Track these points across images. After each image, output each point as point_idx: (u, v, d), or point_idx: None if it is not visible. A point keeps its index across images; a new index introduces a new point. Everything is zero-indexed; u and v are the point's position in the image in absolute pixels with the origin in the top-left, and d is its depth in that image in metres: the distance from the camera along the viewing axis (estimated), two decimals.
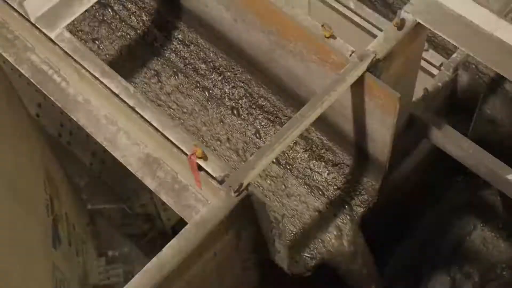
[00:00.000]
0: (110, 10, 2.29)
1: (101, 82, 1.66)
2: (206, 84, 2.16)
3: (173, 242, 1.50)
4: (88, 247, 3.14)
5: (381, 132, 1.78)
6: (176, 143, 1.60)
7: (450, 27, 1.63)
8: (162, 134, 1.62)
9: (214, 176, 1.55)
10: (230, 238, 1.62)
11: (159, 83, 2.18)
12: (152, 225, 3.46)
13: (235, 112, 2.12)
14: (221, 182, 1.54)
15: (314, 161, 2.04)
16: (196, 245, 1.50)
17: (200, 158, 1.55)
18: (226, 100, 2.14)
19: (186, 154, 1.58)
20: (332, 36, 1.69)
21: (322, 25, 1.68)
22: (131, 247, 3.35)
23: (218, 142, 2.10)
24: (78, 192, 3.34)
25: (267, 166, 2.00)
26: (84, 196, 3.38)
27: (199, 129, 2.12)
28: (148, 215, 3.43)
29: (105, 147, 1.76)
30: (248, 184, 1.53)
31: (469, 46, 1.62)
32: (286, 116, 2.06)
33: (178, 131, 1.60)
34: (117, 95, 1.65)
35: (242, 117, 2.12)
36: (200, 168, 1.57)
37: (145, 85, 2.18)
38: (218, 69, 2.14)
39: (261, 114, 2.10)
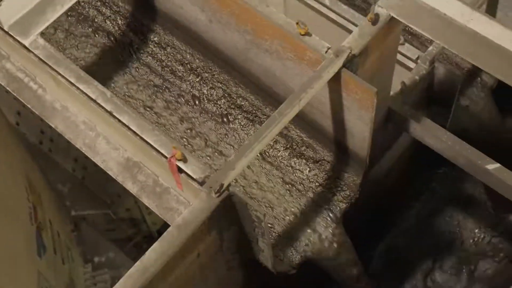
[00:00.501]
0: (85, 15, 2.28)
1: (78, 88, 1.65)
2: (184, 86, 2.16)
3: (155, 245, 1.50)
4: (74, 254, 3.12)
5: (359, 127, 1.79)
6: (155, 146, 1.60)
7: (424, 20, 1.64)
8: (141, 138, 1.61)
9: (195, 177, 1.55)
10: (213, 239, 1.62)
11: (137, 87, 2.18)
12: (137, 230, 3.45)
13: (214, 112, 2.13)
14: (201, 183, 1.54)
15: (295, 159, 2.04)
16: (179, 247, 1.50)
17: (179, 160, 1.55)
18: (205, 101, 2.14)
19: (165, 157, 1.58)
20: (307, 34, 1.70)
21: (297, 23, 1.69)
22: (117, 252, 3.34)
23: (199, 144, 2.10)
24: (61, 199, 3.32)
25: (247, 165, 2.00)
26: (67, 202, 3.36)
27: (179, 131, 2.12)
28: (133, 220, 3.42)
29: (85, 153, 1.76)
30: (229, 185, 1.53)
31: (444, 39, 1.63)
32: (265, 115, 2.06)
33: (156, 134, 1.60)
34: (94, 100, 1.64)
35: (221, 117, 2.12)
36: (180, 170, 1.57)
37: (123, 89, 2.17)
38: (196, 70, 2.14)
39: (240, 114, 2.10)
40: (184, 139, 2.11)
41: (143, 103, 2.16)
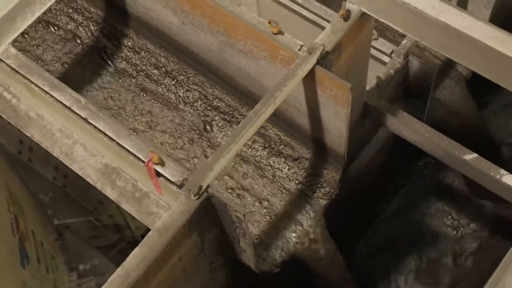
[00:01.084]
0: (57, 23, 2.27)
1: (52, 96, 1.64)
2: (160, 89, 2.15)
3: (136, 250, 1.50)
4: (58, 263, 3.11)
5: (336, 124, 1.79)
6: (132, 151, 1.59)
7: (395, 14, 1.64)
8: (118, 143, 1.61)
9: (173, 180, 1.55)
10: (194, 241, 1.62)
11: (112, 92, 2.17)
12: (121, 235, 3.44)
13: (191, 115, 2.12)
14: (180, 186, 1.55)
15: (274, 158, 2.04)
16: (160, 251, 1.50)
17: (157, 164, 1.55)
18: (181, 104, 2.13)
19: (143, 161, 1.58)
20: (280, 32, 1.70)
21: (269, 22, 1.69)
22: (102, 259, 3.32)
23: (176, 147, 2.10)
24: (43, 208, 3.30)
25: (226, 166, 2.00)
26: (50, 211, 3.35)
27: (156, 135, 2.11)
28: (116, 226, 3.41)
29: (62, 161, 1.75)
30: (208, 186, 1.53)
31: (416, 32, 1.64)
32: (243, 115, 2.06)
33: (133, 139, 1.60)
34: (68, 108, 1.63)
35: (199, 119, 2.12)
36: (158, 174, 1.57)
37: (98, 95, 2.16)
38: (171, 73, 2.14)
39: (218, 115, 2.10)
40: (161, 143, 2.10)
41: (119, 108, 2.15)
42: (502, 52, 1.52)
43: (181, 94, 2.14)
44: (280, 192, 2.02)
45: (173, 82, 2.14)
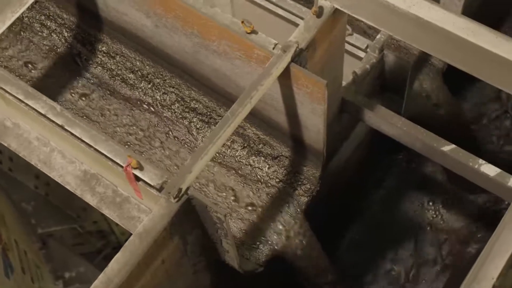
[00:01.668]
0: (29, 30, 2.26)
1: (27, 104, 1.64)
2: (137, 93, 2.15)
3: (118, 256, 1.50)
4: (43, 271, 3.10)
5: (313, 120, 1.80)
6: (110, 156, 1.59)
7: (367, 9, 1.65)
8: (95, 149, 1.61)
9: (152, 184, 1.54)
10: (176, 244, 1.61)
11: (89, 98, 2.16)
12: (106, 242, 3.42)
13: (169, 118, 2.12)
14: (160, 189, 1.54)
15: (254, 157, 2.05)
16: (142, 256, 1.50)
17: (135, 168, 1.55)
18: (159, 107, 2.13)
19: (121, 166, 1.57)
20: (254, 31, 1.70)
21: (242, 21, 1.69)
22: (87, 266, 3.31)
23: (155, 150, 2.09)
24: (26, 217, 3.28)
25: (204, 167, 2.00)
26: (33, 220, 3.33)
27: (135, 139, 2.11)
28: (101, 232, 3.40)
29: (41, 169, 1.74)
30: (187, 188, 1.53)
31: (388, 26, 1.65)
32: (220, 116, 2.06)
33: (110, 144, 1.59)
34: (44, 116, 1.63)
35: (177, 122, 2.11)
36: (137, 178, 1.56)
37: (73, 101, 2.15)
38: (147, 77, 2.13)
39: (195, 117, 2.10)
40: (140, 148, 2.10)
41: (96, 114, 2.14)
42: (475, 43, 1.53)
43: (158, 97, 2.13)
44: (261, 191, 2.02)
45: (149, 86, 2.14)
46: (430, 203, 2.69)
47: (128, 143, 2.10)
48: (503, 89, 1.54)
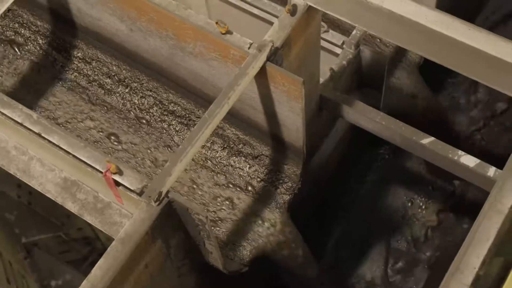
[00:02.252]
0: (3, 39, 2.24)
1: (3, 113, 1.62)
2: (114, 98, 2.14)
3: (100, 262, 1.49)
4: (29, 281, 3.08)
5: (292, 118, 1.80)
6: (89, 162, 1.58)
7: (341, 5, 1.65)
8: (74, 156, 1.60)
9: (132, 189, 1.54)
10: (159, 247, 1.61)
11: (66, 104, 2.15)
12: (91, 248, 3.41)
13: (148, 121, 2.11)
14: (140, 193, 1.54)
15: (234, 157, 2.04)
16: (125, 261, 1.49)
17: (115, 173, 1.54)
18: (137, 111, 2.12)
19: (101, 172, 1.57)
20: (228, 32, 1.70)
21: (216, 22, 1.69)
22: (74, 273, 3.29)
23: (136, 155, 2.08)
24: (9, 227, 3.26)
25: (184, 170, 2.00)
26: (16, 230, 3.30)
27: (114, 145, 2.10)
28: (86, 238, 3.38)
29: (20, 178, 1.73)
30: (168, 191, 1.53)
31: (362, 22, 1.65)
32: (199, 118, 2.06)
33: (88, 150, 1.59)
34: (21, 124, 1.62)
35: (156, 125, 2.11)
36: (117, 183, 1.56)
37: (51, 108, 2.14)
38: (124, 81, 2.13)
39: (174, 120, 2.10)
40: (120, 153, 2.09)
41: (74, 121, 2.13)
42: (448, 35, 1.54)
43: (136, 101, 2.12)
44: (243, 191, 2.02)
45: (127, 90, 2.13)
46: (413, 196, 2.70)
47: (110, 148, 2.09)
48: (477, 80, 1.55)
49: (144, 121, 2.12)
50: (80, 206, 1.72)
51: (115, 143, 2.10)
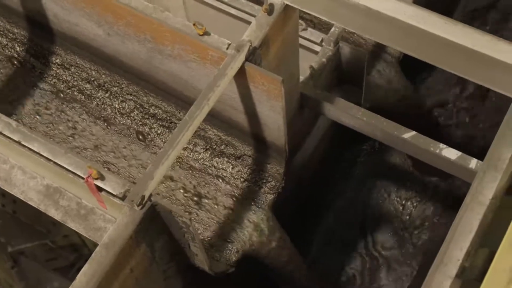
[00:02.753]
0: None
1: None
2: (95, 103, 2.13)
3: (85, 268, 1.49)
4: None
5: (273, 118, 1.80)
6: (70, 168, 1.58)
7: (318, 3, 1.65)
8: (55, 163, 1.59)
9: (115, 193, 1.54)
10: (143, 251, 1.61)
11: (46, 111, 2.14)
12: (78, 255, 3.40)
13: (129, 125, 2.11)
14: (123, 198, 1.54)
15: (217, 158, 2.04)
16: (109, 266, 1.49)
17: (97, 178, 1.54)
18: (118, 115, 2.11)
19: (83, 178, 1.56)
20: (206, 33, 1.70)
21: (194, 24, 1.69)
22: (62, 280, 3.28)
23: (118, 160, 2.08)
24: None
25: (167, 173, 2.00)
26: (2, 239, 3.29)
27: (96, 150, 2.09)
28: (72, 245, 3.37)
29: (1, 187, 1.72)
30: (151, 195, 1.52)
31: (340, 19, 1.65)
32: (180, 120, 2.04)
33: (69, 156, 1.58)
34: (0, 133, 1.61)
35: (138, 129, 2.10)
36: (100, 188, 1.55)
37: (31, 116, 2.13)
38: (104, 86, 2.12)
39: (156, 123, 2.09)
40: (102, 158, 2.08)
41: (54, 127, 2.12)
42: (425, 30, 1.54)
43: (116, 105, 2.12)
44: (227, 191, 2.02)
45: (107, 95, 2.12)
46: (397, 191, 2.71)
47: (91, 155, 2.09)
48: (456, 73, 1.56)
49: (125, 126, 2.11)
50: (63, 213, 1.71)
51: (97, 148, 2.10)
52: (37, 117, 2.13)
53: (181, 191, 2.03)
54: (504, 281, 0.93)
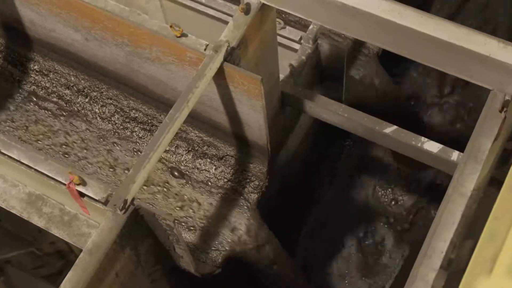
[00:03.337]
0: None
1: None
2: (75, 108, 2.12)
3: (70, 274, 1.48)
4: None
5: (254, 117, 1.80)
6: (51, 175, 1.57)
7: (294, 1, 1.65)
8: (36, 170, 1.58)
9: (97, 198, 1.53)
10: (128, 256, 1.60)
11: (25, 118, 2.13)
12: (66, 261, 3.38)
13: (110, 130, 2.10)
14: (105, 203, 1.53)
15: (199, 160, 2.04)
16: (94, 272, 1.49)
17: (78, 184, 1.53)
18: (99, 120, 2.11)
19: (64, 184, 1.55)
20: (184, 35, 1.70)
21: (171, 26, 1.69)
22: None
23: (101, 165, 2.07)
24: None
25: (150, 176, 1.99)
26: None
27: (79, 156, 2.08)
28: (59, 252, 3.35)
29: None
30: (133, 199, 1.52)
31: (317, 16, 1.66)
32: (162, 122, 2.04)
33: (50, 163, 1.57)
34: None
35: (119, 133, 2.09)
36: (82, 194, 1.55)
37: (10, 124, 2.12)
38: (83, 91, 2.11)
39: (137, 126, 2.08)
40: (85, 165, 2.08)
41: (35, 134, 2.11)
42: (401, 24, 1.55)
43: (96, 110, 2.11)
44: (210, 193, 2.02)
45: (87, 100, 2.11)
46: (382, 185, 2.72)
47: (73, 160, 2.08)
48: (433, 66, 1.57)
49: (106, 130, 2.10)
50: (46, 220, 1.70)
51: (79, 154, 2.09)
52: (17, 124, 2.12)
53: (165, 194, 2.02)
54: (486, 272, 0.94)
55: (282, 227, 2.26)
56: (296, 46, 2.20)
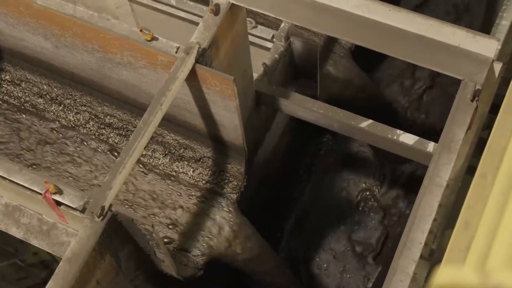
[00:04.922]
0: None
1: None
2: (49, 116, 2.10)
3: (50, 284, 1.47)
4: None
5: (228, 117, 1.80)
6: (27, 185, 1.56)
7: (263, 0, 1.65)
8: (11, 181, 1.57)
9: (74, 206, 1.52)
10: (108, 262, 1.59)
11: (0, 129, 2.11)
12: (49, 271, 3.36)
13: (86, 136, 2.09)
14: (82, 210, 1.52)
15: (177, 163, 2.03)
16: (74, 280, 1.47)
17: (55, 193, 1.52)
18: (73, 127, 2.09)
19: (41, 194, 1.54)
20: (154, 38, 1.70)
21: (141, 30, 1.68)
22: None
23: (77, 173, 2.05)
24: None
25: (125, 182, 1.99)
26: None
27: (54, 165, 2.06)
28: (43, 262, 3.33)
29: None
30: (111, 205, 1.51)
31: (287, 15, 1.66)
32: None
33: (25, 173, 1.56)
34: None
35: (95, 139, 2.08)
36: (58, 203, 1.54)
37: None
38: (56, 99, 2.09)
39: (112, 132, 2.07)
40: (60, 174, 2.06)
41: (9, 145, 2.09)
42: (370, 18, 1.55)
43: (71, 118, 2.09)
44: (190, 195, 2.01)
45: (60, 108, 2.10)
46: (361, 179, 2.73)
47: (52, 169, 2.06)
48: (404, 59, 1.58)
49: (81, 137, 2.09)
50: (25, 230, 1.69)
51: (55, 162, 2.07)
52: None
53: (144, 198, 2.02)
54: (461, 261, 0.94)
55: (264, 226, 2.25)
56: (269, 44, 2.20)
